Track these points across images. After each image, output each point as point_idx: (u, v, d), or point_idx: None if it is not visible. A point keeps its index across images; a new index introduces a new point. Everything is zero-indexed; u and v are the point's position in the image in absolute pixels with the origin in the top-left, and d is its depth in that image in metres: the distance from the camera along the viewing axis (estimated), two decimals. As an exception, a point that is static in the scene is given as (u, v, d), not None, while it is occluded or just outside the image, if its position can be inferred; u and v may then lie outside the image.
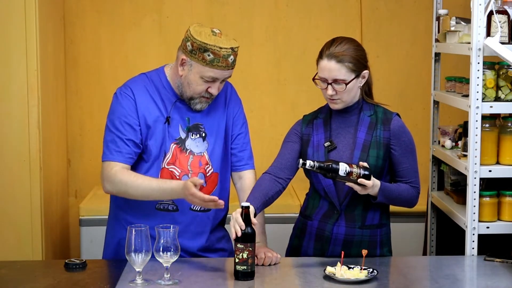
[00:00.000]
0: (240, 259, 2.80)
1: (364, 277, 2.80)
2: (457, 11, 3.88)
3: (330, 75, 2.99)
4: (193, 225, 3.11)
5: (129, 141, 3.04)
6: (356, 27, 4.90)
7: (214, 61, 2.97)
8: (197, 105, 3.07)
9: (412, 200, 3.08)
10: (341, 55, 2.98)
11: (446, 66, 4.02)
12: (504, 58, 3.05)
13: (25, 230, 3.99)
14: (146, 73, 3.16)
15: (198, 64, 2.99)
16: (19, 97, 3.94)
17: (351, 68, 2.99)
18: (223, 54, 2.97)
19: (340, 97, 3.02)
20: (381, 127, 3.07)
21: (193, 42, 2.98)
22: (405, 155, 3.06)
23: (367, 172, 2.90)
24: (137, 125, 3.05)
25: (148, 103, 3.07)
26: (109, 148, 3.05)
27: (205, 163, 3.12)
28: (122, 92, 3.09)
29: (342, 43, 3.01)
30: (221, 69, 2.99)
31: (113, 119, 3.07)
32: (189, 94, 3.06)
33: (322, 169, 2.88)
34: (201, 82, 3.01)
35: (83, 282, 2.83)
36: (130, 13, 4.84)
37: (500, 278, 2.87)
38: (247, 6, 4.89)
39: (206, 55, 2.96)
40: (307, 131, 3.14)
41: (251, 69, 4.91)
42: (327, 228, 3.08)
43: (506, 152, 3.19)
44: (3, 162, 3.96)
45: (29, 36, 3.92)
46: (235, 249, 2.81)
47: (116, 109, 3.07)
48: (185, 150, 3.09)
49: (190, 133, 3.10)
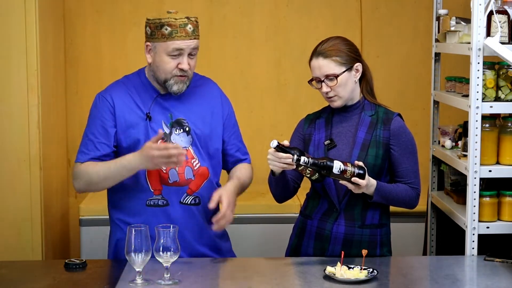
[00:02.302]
0: (310, 172, 2.91)
1: (364, 277, 2.80)
2: (457, 11, 3.88)
3: (321, 72, 3.04)
4: (185, 218, 3.11)
5: (101, 144, 3.10)
6: (356, 27, 4.90)
7: (173, 33, 3.02)
8: (173, 86, 3.09)
9: (411, 201, 3.08)
10: (327, 51, 3.04)
11: (446, 66, 4.03)
12: (504, 58, 3.05)
13: (25, 230, 3.98)
14: (128, 75, 3.22)
15: (160, 43, 3.04)
16: (19, 97, 3.94)
17: (339, 61, 3.03)
18: (179, 24, 3.03)
19: (336, 93, 3.04)
20: (381, 127, 3.08)
21: (150, 24, 3.06)
22: (404, 155, 3.06)
23: (361, 171, 2.90)
24: (112, 127, 3.10)
25: (128, 104, 3.11)
26: (80, 150, 3.14)
27: (191, 157, 3.13)
28: (100, 96, 3.16)
29: (328, 41, 3.09)
30: (182, 39, 3.03)
31: (89, 123, 3.16)
32: (163, 77, 3.08)
33: (316, 166, 2.88)
34: (169, 60, 3.05)
35: (83, 282, 2.83)
36: (130, 13, 4.84)
37: (500, 278, 2.87)
38: (247, 6, 4.89)
39: (164, 30, 3.02)
40: (308, 131, 3.15)
41: (251, 69, 4.91)
42: (327, 227, 3.09)
43: (506, 152, 3.19)
44: (3, 162, 3.95)
45: (29, 36, 3.92)
46: (300, 172, 2.92)
47: (92, 112, 3.16)
48: None
49: (173, 128, 3.12)
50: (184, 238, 3.08)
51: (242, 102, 4.83)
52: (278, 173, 2.98)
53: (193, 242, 3.14)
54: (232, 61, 4.89)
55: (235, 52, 4.89)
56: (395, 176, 3.09)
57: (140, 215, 3.09)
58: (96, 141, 3.10)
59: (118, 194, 3.14)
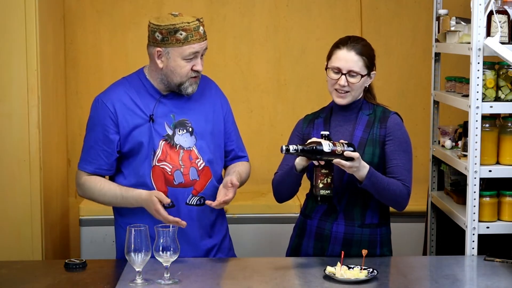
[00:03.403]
0: (325, 183, 2.90)
1: (364, 277, 2.80)
2: (457, 11, 3.88)
3: (347, 65, 3.04)
4: (191, 219, 3.11)
5: (104, 152, 3.10)
6: (356, 27, 4.90)
7: (188, 37, 3.02)
8: (188, 88, 3.10)
9: (401, 197, 3.01)
10: (361, 49, 3.06)
11: (446, 66, 4.03)
12: (504, 58, 3.05)
13: (25, 230, 3.98)
14: (127, 77, 3.21)
15: (174, 48, 3.03)
16: (19, 97, 3.94)
17: (366, 63, 3.06)
18: (193, 27, 3.03)
19: (350, 89, 3.05)
20: (378, 125, 3.08)
21: (161, 29, 3.02)
22: (397, 151, 3.05)
23: (351, 148, 2.90)
24: (115, 133, 3.09)
25: (129, 106, 3.10)
26: (84, 156, 3.15)
27: (195, 157, 3.13)
28: (100, 100, 3.14)
29: (359, 39, 3.11)
30: (197, 42, 3.04)
31: (90, 128, 3.15)
32: (177, 81, 3.08)
33: (307, 152, 2.87)
34: (184, 63, 3.05)
35: (83, 282, 2.83)
36: (130, 13, 4.84)
37: (500, 278, 2.87)
38: (247, 6, 4.89)
39: (179, 35, 3.01)
40: (307, 131, 3.16)
41: (251, 69, 4.91)
42: (326, 226, 3.09)
43: (506, 152, 3.19)
44: (3, 162, 3.95)
45: (29, 36, 3.91)
46: (320, 175, 2.90)
47: (93, 118, 3.15)
48: (174, 145, 3.10)
49: (176, 129, 3.12)
50: (189, 239, 3.10)
51: (242, 102, 4.84)
52: (300, 170, 2.98)
53: (199, 242, 3.14)
54: (232, 61, 4.89)
55: (235, 52, 4.89)
56: (387, 172, 3.05)
57: (146, 217, 3.07)
58: (99, 149, 3.10)
59: None
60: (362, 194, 3.03)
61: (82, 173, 3.14)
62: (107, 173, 3.15)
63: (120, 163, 3.14)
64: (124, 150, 3.10)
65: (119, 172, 3.15)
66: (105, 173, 3.14)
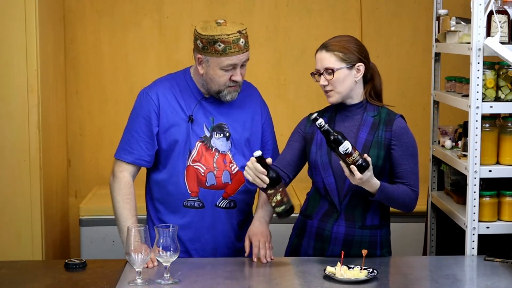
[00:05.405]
0: (276, 202, 2.90)
1: (364, 277, 2.80)
2: (457, 11, 3.88)
3: (321, 65, 3.06)
4: (219, 221, 3.16)
5: (144, 142, 3.12)
6: (356, 27, 4.90)
7: (226, 49, 3.02)
8: (227, 96, 3.12)
9: (410, 203, 3.05)
10: (331, 45, 3.06)
11: (446, 66, 4.03)
12: (504, 58, 3.05)
13: (25, 230, 3.99)
14: (173, 74, 3.23)
15: (213, 57, 3.04)
16: (19, 97, 3.95)
17: (340, 57, 3.03)
18: (232, 40, 3.02)
19: (332, 87, 3.05)
20: (383, 128, 3.07)
21: (202, 38, 3.04)
22: (405, 156, 3.05)
23: (365, 163, 2.87)
24: (156, 126, 3.11)
25: (172, 103, 3.13)
26: (123, 146, 3.15)
27: (229, 162, 3.16)
28: (145, 92, 3.16)
29: (337, 37, 3.11)
30: (235, 54, 3.04)
31: (132, 119, 3.16)
32: (216, 88, 3.11)
33: (328, 134, 2.86)
34: (222, 73, 3.06)
35: (83, 282, 2.83)
36: (130, 13, 4.84)
37: (500, 278, 2.87)
38: (247, 6, 4.89)
39: (217, 46, 3.01)
40: (310, 130, 3.15)
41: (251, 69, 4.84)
42: (327, 227, 3.09)
43: (506, 152, 3.19)
44: (3, 162, 3.96)
45: (29, 36, 3.92)
46: (268, 196, 2.91)
47: (137, 109, 3.16)
48: (210, 147, 3.14)
49: (214, 132, 3.15)
50: (216, 241, 3.15)
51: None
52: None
53: (225, 245, 3.18)
54: (232, 61, 4.88)
55: (235, 52, 4.88)
56: (394, 177, 3.07)
57: (176, 214, 3.12)
58: (140, 140, 3.12)
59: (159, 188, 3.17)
60: (363, 196, 3.02)
61: (121, 162, 3.14)
62: (146, 164, 3.16)
63: (156, 158, 3.16)
64: (160, 145, 3.13)
65: (155, 166, 3.18)
66: (144, 164, 3.15)
